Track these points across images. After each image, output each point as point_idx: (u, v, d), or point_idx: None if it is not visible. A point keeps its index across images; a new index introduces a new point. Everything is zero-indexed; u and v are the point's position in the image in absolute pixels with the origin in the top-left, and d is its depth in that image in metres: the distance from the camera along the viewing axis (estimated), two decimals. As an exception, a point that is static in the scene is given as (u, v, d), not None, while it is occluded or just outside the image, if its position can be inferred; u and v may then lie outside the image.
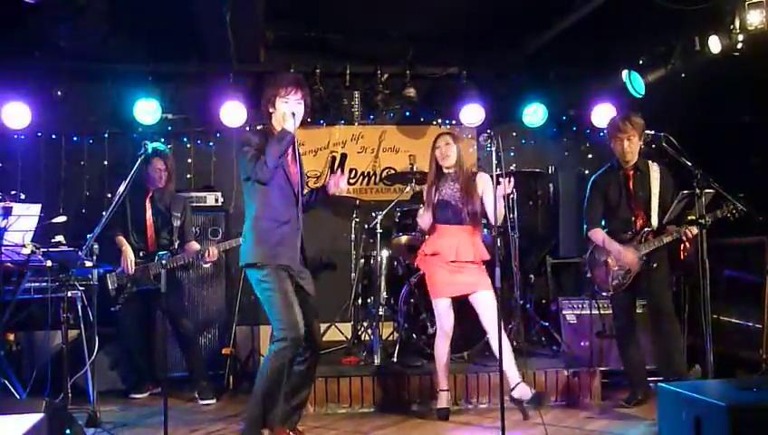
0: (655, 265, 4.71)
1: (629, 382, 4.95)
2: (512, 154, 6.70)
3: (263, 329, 6.47)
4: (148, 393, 5.42)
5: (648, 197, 4.77)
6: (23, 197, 4.55)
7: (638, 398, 4.84)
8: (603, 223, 4.92)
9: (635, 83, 5.65)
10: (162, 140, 5.95)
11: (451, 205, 4.66)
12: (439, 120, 6.92)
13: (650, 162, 4.82)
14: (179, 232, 5.42)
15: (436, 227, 4.73)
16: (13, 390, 4.53)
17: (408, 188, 5.92)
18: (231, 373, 5.61)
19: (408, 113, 6.78)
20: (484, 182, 4.65)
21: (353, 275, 6.05)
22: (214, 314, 6.04)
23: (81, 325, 4.46)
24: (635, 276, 4.75)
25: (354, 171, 6.83)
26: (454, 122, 6.82)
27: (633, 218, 4.81)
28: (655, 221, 4.76)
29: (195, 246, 5.38)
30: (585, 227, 4.98)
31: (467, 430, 4.52)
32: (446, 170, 4.72)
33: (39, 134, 6.33)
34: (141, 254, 5.30)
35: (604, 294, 4.96)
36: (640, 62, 5.67)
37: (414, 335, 5.34)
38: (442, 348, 4.68)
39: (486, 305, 4.53)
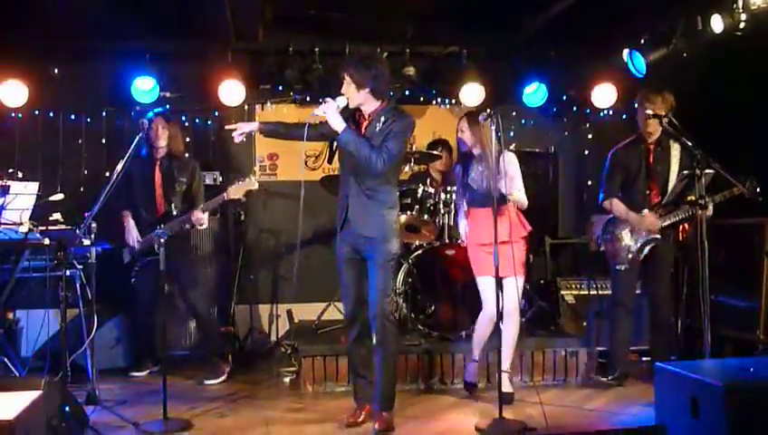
0: (669, 238, 4.84)
1: (611, 358, 5.02)
2: (512, 134, 6.67)
3: (261, 308, 6.52)
4: (148, 371, 5.43)
5: (667, 173, 4.85)
6: (20, 175, 4.55)
7: (620, 374, 4.95)
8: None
9: (636, 63, 5.63)
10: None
11: (476, 188, 4.65)
12: (439, 100, 6.89)
13: (672, 141, 4.84)
14: (185, 197, 5.32)
15: (469, 211, 4.75)
16: (12, 367, 4.57)
17: (406, 168, 5.89)
18: (230, 352, 5.63)
19: (407, 92, 6.73)
20: (507, 161, 4.51)
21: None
22: (212, 292, 6.02)
23: (80, 304, 4.48)
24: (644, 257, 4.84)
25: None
26: (454, 102, 6.80)
27: (648, 192, 4.90)
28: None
29: (198, 214, 5.12)
30: (601, 196, 5.04)
31: (464, 409, 4.55)
32: (474, 152, 4.70)
33: (36, 112, 6.29)
34: (151, 223, 5.23)
35: (617, 268, 4.96)
36: (642, 41, 5.64)
37: (412, 315, 5.36)
38: (481, 324, 4.67)
39: (507, 293, 4.51)
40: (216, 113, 6.56)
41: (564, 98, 6.89)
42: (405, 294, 5.39)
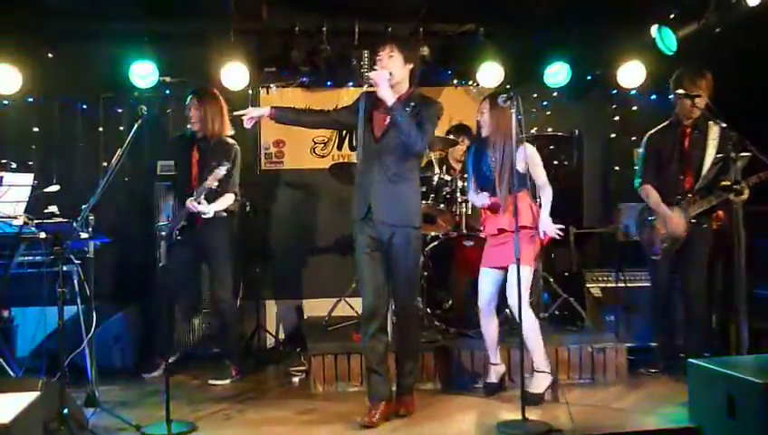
0: (704, 226, 4.86)
1: (656, 352, 5.08)
2: (533, 116, 6.65)
3: (268, 304, 6.52)
4: (162, 369, 5.27)
5: (702, 157, 4.85)
6: (13, 166, 4.57)
7: (660, 367, 5.02)
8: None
9: (666, 40, 5.57)
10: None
11: (487, 175, 4.65)
12: (455, 81, 6.85)
13: (711, 123, 4.81)
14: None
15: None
16: (7, 368, 4.58)
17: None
18: (241, 354, 5.63)
19: (420, 73, 6.69)
20: (527, 156, 4.47)
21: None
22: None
23: (78, 301, 4.49)
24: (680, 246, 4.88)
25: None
26: (471, 83, 6.77)
27: (682, 177, 4.92)
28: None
29: (189, 202, 4.99)
30: (637, 182, 5.11)
31: (485, 409, 4.53)
32: (492, 137, 4.66)
33: (30, 99, 6.30)
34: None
35: (653, 257, 5.02)
36: (671, 16, 5.57)
37: (428, 310, 5.36)
38: (483, 321, 4.72)
39: (510, 282, 4.50)
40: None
41: (589, 78, 6.85)
42: (421, 288, 5.37)
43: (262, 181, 6.59)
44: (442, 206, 5.39)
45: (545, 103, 6.93)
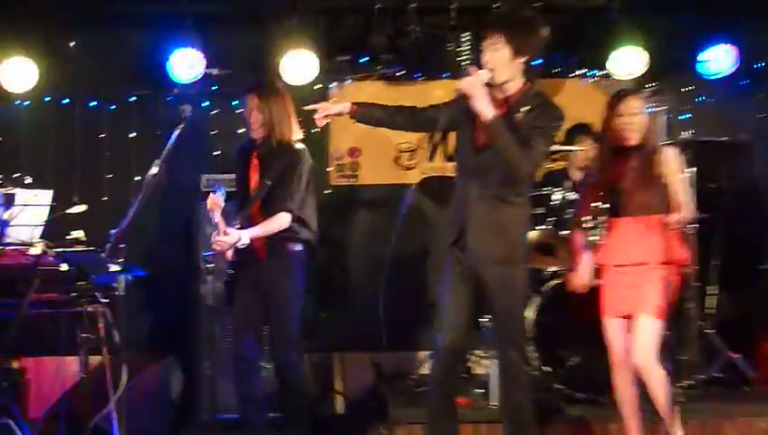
0: None
1: None
2: (685, 117, 6.55)
3: (337, 358, 6.52)
4: None
5: None
6: (28, 180, 4.71)
7: None
8: None
9: None
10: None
11: (622, 190, 4.57)
12: (581, 71, 6.81)
13: None
14: (271, 196, 5.01)
15: (608, 221, 4.68)
16: (18, 433, 4.73)
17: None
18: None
19: (538, 61, 6.68)
20: (669, 160, 4.49)
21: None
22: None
23: (105, 350, 4.55)
24: None
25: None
26: (601, 73, 6.71)
27: None
28: None
29: (275, 221, 4.93)
30: None
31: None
32: (631, 142, 4.63)
33: (47, 99, 6.52)
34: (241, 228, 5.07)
35: None
36: None
37: (547, 368, 5.34)
38: (619, 384, 4.64)
39: (637, 335, 4.44)
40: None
41: (761, 65, 6.73)
42: (535, 339, 5.36)
43: (331, 200, 6.66)
44: (565, 232, 5.35)
45: (702, 99, 6.83)
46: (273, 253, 4.96)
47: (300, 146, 5.11)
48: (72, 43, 6.30)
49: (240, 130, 6.29)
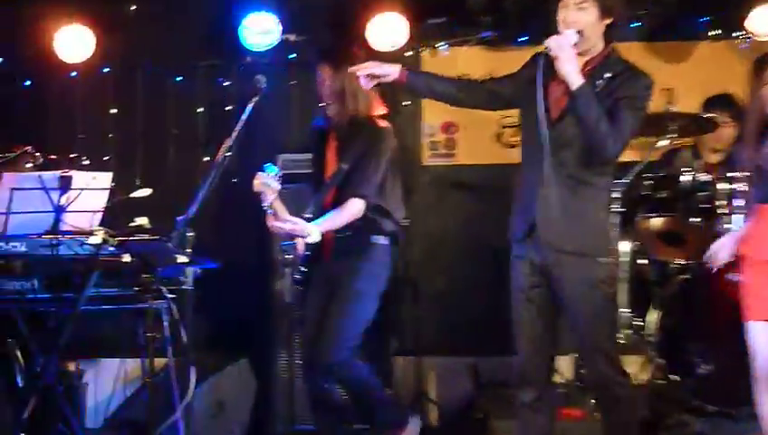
0: None
1: None
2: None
3: (427, 361, 6.52)
4: None
5: None
6: (86, 161, 4.79)
7: None
8: None
9: None
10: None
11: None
12: (715, 32, 6.66)
13: None
14: (348, 180, 4.97)
15: (757, 208, 4.57)
16: (75, 440, 4.84)
17: (663, 142, 5.77)
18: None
19: (660, 23, 6.59)
20: None
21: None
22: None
23: (170, 351, 4.58)
24: None
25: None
26: (739, 34, 6.55)
27: None
28: None
29: (349, 208, 4.88)
30: None
31: None
32: None
33: (106, 70, 6.63)
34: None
35: None
36: None
37: (674, 377, 5.28)
38: (763, 399, 4.47)
39: None
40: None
41: None
42: (659, 344, 5.32)
43: (423, 182, 6.67)
44: (697, 220, 5.28)
45: None
46: (346, 247, 4.93)
47: (382, 123, 5.07)
48: (132, 8, 6.39)
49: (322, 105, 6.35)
